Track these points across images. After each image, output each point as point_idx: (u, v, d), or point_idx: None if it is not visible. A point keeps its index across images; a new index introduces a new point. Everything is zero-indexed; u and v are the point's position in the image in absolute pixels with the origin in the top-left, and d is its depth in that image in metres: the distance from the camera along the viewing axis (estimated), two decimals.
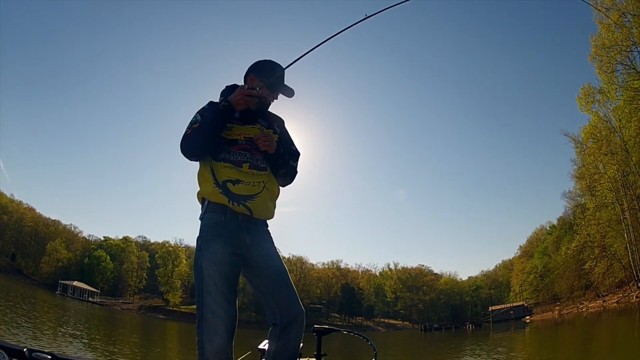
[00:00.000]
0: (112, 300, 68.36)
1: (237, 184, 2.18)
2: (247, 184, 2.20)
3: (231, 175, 2.19)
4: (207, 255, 2.11)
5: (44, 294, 52.91)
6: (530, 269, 60.11)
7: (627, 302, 33.04)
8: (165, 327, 46.99)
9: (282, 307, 2.21)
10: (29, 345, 2.66)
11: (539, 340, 28.70)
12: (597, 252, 39.04)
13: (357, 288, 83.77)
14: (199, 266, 2.12)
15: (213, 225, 2.17)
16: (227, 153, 2.22)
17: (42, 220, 72.87)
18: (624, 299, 33.82)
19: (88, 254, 72.79)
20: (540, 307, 51.25)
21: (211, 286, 2.07)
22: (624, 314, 30.78)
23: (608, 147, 36.48)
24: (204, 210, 2.24)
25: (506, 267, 78.53)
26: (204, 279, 2.09)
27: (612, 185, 37.48)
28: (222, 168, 2.19)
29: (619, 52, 34.52)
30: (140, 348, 20.71)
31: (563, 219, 53.44)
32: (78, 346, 16.72)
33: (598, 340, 22.26)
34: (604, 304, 36.31)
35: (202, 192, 2.26)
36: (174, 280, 70.94)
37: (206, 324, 2.05)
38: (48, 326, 22.54)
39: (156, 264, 72.94)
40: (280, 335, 2.20)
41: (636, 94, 34.54)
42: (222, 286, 2.07)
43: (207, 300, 2.07)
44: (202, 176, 2.25)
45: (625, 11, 34.04)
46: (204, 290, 2.08)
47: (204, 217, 2.22)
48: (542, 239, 63.48)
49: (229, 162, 2.20)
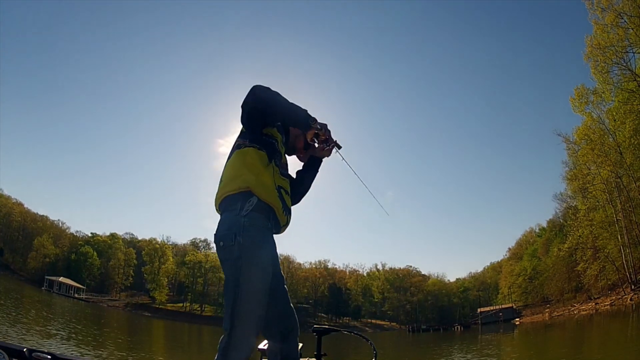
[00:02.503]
0: (98, 297, 66.98)
1: (287, 195, 2.17)
2: (289, 199, 2.20)
3: (284, 186, 2.16)
4: (256, 260, 1.92)
5: (30, 290, 52.68)
6: (519, 271, 59.18)
7: (621, 305, 32.03)
8: (151, 325, 46.37)
9: (284, 318, 2.14)
10: (29, 346, 2.43)
11: (527, 342, 28.17)
12: (589, 253, 37.98)
13: (345, 288, 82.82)
14: (240, 268, 1.89)
15: (262, 228, 1.99)
16: (282, 167, 2.20)
17: (31, 215, 71.42)
18: (618, 301, 32.70)
19: (75, 250, 71.51)
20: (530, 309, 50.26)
21: (253, 294, 1.90)
22: (617, 317, 30.09)
23: (601, 149, 35.56)
24: (251, 207, 1.96)
25: (494, 269, 77.67)
26: (247, 284, 1.89)
27: (605, 186, 36.51)
28: (278, 174, 2.12)
29: (614, 52, 33.90)
30: (128, 351, 19.12)
31: (553, 221, 52.71)
32: (57, 346, 15.10)
33: (589, 343, 21.77)
34: (596, 307, 35.19)
35: (255, 184, 2.00)
36: (160, 278, 69.80)
37: (239, 332, 1.87)
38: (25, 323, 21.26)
39: (143, 261, 71.76)
40: (282, 347, 2.14)
41: (631, 95, 34.01)
42: (262, 297, 1.93)
43: (245, 308, 1.88)
44: (259, 167, 2.04)
45: (622, 12, 33.38)
46: (242, 296, 1.88)
47: (250, 215, 1.95)
48: (531, 241, 62.70)
49: (284, 174, 2.21)
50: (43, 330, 20.13)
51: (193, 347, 27.89)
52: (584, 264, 38.44)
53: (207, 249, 77.53)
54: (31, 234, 68.42)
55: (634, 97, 33.66)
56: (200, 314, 67.76)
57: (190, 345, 29.92)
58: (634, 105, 33.52)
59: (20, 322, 21.04)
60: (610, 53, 33.93)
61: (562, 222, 46.42)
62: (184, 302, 71.24)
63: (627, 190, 35.00)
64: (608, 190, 36.46)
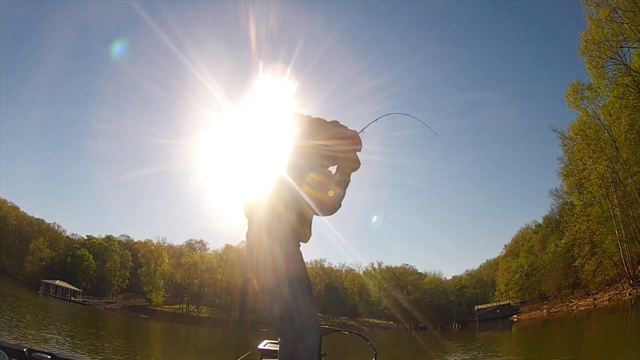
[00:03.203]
0: (95, 299, 66.34)
1: None
2: None
3: None
4: None
5: (27, 293, 52.09)
6: (516, 268, 58.83)
7: (620, 300, 31.73)
8: (148, 328, 45.63)
9: None
10: (29, 346, 2.43)
11: (525, 339, 27.83)
12: (587, 249, 37.69)
13: (341, 287, 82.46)
14: None
15: None
16: None
17: (26, 218, 70.89)
18: (616, 297, 32.39)
19: (71, 253, 70.87)
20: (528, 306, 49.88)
21: None
22: (617, 312, 29.91)
23: (597, 144, 35.32)
24: None
25: (491, 266, 77.35)
26: None
27: (602, 181, 36.24)
28: None
29: (609, 47, 33.70)
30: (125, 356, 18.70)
31: (549, 217, 52.39)
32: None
33: (588, 339, 21.65)
34: (595, 302, 34.87)
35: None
36: (156, 280, 69.17)
37: None
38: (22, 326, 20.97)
39: (139, 263, 71.06)
40: None
41: (626, 90, 33.78)
42: None
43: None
44: None
45: (617, 7, 33.14)
46: None
47: None
48: (527, 238, 62.25)
49: None
50: (37, 334, 19.55)
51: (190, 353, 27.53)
52: (582, 260, 38.14)
53: (202, 250, 77.08)
54: (27, 238, 67.77)
55: (629, 91, 33.52)
56: (197, 315, 67.11)
57: (188, 352, 29.24)
58: (629, 100, 33.37)
59: (16, 326, 20.53)
60: (605, 48, 33.77)
61: (559, 218, 46.13)
62: (180, 304, 70.49)
63: (624, 185, 34.72)
64: (604, 185, 36.22)
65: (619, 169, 34.89)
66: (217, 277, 72.06)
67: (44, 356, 2.11)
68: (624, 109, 33.37)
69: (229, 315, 63.44)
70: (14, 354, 2.06)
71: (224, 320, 60.24)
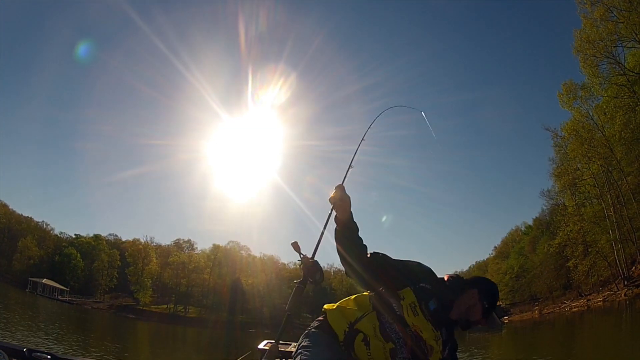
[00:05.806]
0: (82, 299, 64.40)
1: None
2: None
3: None
4: None
5: (14, 292, 52.07)
6: (506, 270, 57.43)
7: (614, 301, 30.50)
8: (135, 328, 44.64)
9: None
10: (29, 346, 2.39)
11: (515, 341, 27.14)
12: (580, 249, 36.50)
13: (329, 288, 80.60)
14: None
15: None
16: None
17: (15, 216, 69.30)
18: (611, 297, 31.13)
19: (59, 251, 69.19)
20: (519, 307, 48.48)
21: None
22: (611, 313, 28.84)
23: (591, 143, 34.29)
24: None
25: (480, 268, 75.80)
26: None
27: (595, 181, 35.15)
28: None
29: (604, 46, 32.88)
30: None
31: (539, 219, 51.24)
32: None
33: (581, 340, 21.39)
34: (588, 303, 33.59)
35: None
36: (144, 279, 67.21)
37: None
38: None
39: (127, 263, 69.13)
40: None
41: (620, 89, 32.92)
42: None
43: None
44: None
45: (612, 6, 32.28)
46: None
47: None
48: (517, 239, 61.07)
49: None
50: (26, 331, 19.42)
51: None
52: (575, 260, 36.89)
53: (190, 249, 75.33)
54: (16, 236, 66.17)
55: (623, 91, 32.67)
56: (184, 315, 65.25)
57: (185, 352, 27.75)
58: (623, 99, 32.52)
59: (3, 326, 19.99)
60: (600, 47, 32.94)
61: (549, 219, 44.99)
62: (168, 304, 68.64)
63: (618, 185, 33.69)
64: (598, 185, 35.14)
65: (612, 168, 33.88)
66: (205, 277, 70.41)
67: (44, 356, 2.05)
68: (618, 108, 32.53)
69: (217, 316, 61.59)
70: (14, 354, 2.01)
71: (212, 320, 58.42)
